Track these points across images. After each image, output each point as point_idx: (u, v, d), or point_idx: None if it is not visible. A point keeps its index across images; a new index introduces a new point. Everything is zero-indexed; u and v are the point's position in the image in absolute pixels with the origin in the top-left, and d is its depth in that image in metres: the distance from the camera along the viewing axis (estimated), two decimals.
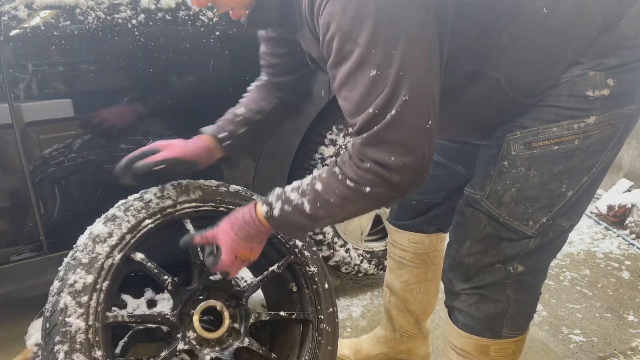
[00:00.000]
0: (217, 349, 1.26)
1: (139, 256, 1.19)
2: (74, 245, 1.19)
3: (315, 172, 0.99)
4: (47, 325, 1.11)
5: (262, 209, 1.03)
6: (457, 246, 1.11)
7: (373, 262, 2.07)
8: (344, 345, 1.63)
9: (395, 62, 0.80)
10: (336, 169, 0.93)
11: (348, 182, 0.90)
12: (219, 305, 1.28)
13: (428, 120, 0.85)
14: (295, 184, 1.00)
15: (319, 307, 1.37)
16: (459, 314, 1.15)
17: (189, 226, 1.26)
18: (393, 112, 0.82)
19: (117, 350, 1.37)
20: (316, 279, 1.39)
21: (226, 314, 1.28)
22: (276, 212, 1.00)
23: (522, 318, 1.12)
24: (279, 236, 1.36)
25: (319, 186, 0.95)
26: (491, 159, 1.04)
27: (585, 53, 0.94)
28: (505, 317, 1.10)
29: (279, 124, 1.34)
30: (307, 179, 0.98)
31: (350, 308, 1.97)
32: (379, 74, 0.81)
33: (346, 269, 2.03)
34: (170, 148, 1.21)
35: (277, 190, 1.02)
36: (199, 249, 1.25)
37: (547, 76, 0.96)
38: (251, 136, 1.28)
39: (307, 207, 0.95)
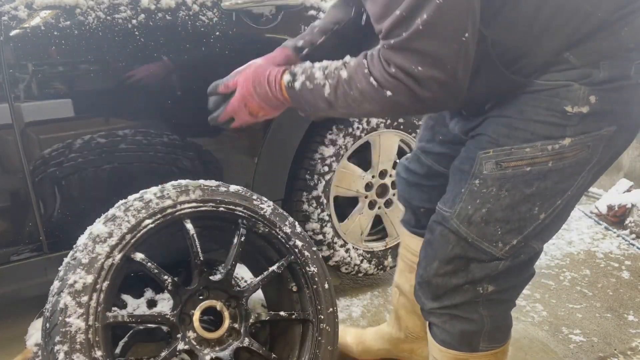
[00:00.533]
0: (217, 349, 1.26)
1: (139, 256, 1.19)
2: (74, 246, 1.19)
3: (347, 58, 0.94)
4: (47, 325, 1.11)
5: (285, 77, 1.00)
6: (425, 265, 1.08)
7: (373, 262, 2.08)
8: (348, 333, 1.62)
9: None
10: (364, 62, 0.88)
11: (372, 79, 0.85)
12: (219, 305, 1.28)
13: (464, 31, 0.78)
14: (324, 63, 0.97)
15: (319, 307, 1.37)
16: (436, 328, 1.13)
17: (189, 226, 1.26)
18: (425, 16, 0.75)
19: (117, 350, 1.37)
20: (316, 279, 1.39)
21: (226, 314, 1.28)
22: (297, 84, 0.97)
23: (500, 332, 1.10)
24: (279, 236, 1.37)
25: (344, 73, 0.91)
26: (463, 175, 1.00)
27: (577, 49, 0.88)
28: (481, 334, 1.08)
29: (362, 35, 1.18)
30: (337, 63, 0.94)
31: (350, 308, 1.97)
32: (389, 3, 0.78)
33: (346, 269, 2.03)
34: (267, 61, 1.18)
35: (307, 63, 0.99)
36: (198, 248, 1.25)
37: (532, 51, 0.90)
38: (331, 45, 1.19)
39: (327, 90, 0.92)
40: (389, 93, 0.84)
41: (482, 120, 0.99)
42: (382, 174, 2.03)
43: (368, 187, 2.01)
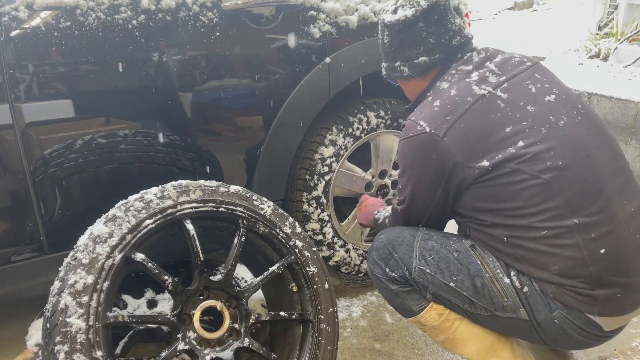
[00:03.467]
0: (217, 349, 1.26)
1: (140, 256, 1.19)
2: (75, 246, 1.19)
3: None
4: (48, 325, 1.11)
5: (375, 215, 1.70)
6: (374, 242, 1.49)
7: None
8: None
9: (409, 190, 1.34)
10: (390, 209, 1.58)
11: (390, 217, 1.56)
12: (219, 305, 1.28)
13: (417, 221, 1.40)
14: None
15: (319, 307, 1.37)
16: None
17: (190, 226, 1.27)
18: (403, 206, 1.40)
19: (118, 351, 1.37)
20: (316, 279, 1.39)
21: (226, 314, 1.28)
22: (380, 215, 1.66)
23: (416, 295, 1.35)
24: (279, 237, 1.37)
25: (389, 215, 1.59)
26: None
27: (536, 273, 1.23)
28: (401, 300, 1.37)
29: None
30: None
31: (350, 308, 1.97)
32: (403, 189, 1.37)
33: (346, 269, 2.03)
34: None
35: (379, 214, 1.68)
36: (199, 248, 1.26)
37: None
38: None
39: (380, 217, 1.66)
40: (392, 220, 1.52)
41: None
42: (382, 174, 2.03)
43: (368, 187, 2.01)
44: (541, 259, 1.19)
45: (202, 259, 1.27)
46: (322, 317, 1.37)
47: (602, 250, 1.15)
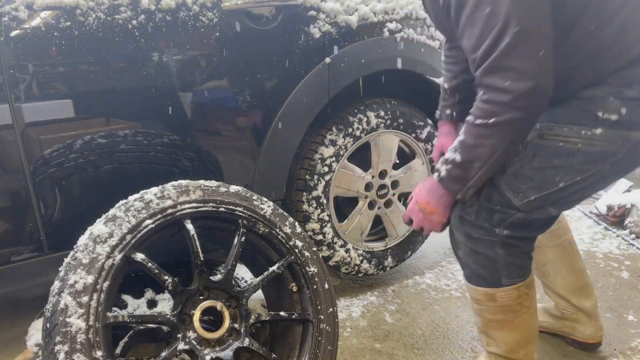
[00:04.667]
0: (217, 349, 1.26)
1: (140, 256, 1.19)
2: (75, 246, 1.19)
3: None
4: (48, 325, 1.11)
5: (434, 175, 1.25)
6: (461, 202, 1.27)
7: (373, 262, 2.08)
8: None
9: (506, 1, 0.98)
10: (469, 117, 1.12)
11: (477, 120, 1.08)
12: (219, 305, 1.28)
13: (540, 49, 1.00)
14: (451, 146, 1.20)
15: (319, 307, 1.37)
16: (464, 267, 1.32)
17: (190, 226, 1.27)
18: (507, 40, 0.98)
19: (118, 351, 1.37)
20: (316, 279, 1.39)
21: (226, 314, 1.28)
22: (443, 173, 1.21)
23: (517, 269, 1.26)
24: (279, 237, 1.37)
25: (461, 137, 1.14)
26: None
27: (614, 76, 1.08)
28: (498, 268, 1.25)
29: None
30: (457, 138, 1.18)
31: (350, 308, 1.97)
32: (493, 11, 0.99)
33: (346, 269, 2.03)
34: (441, 144, 1.53)
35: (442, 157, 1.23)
36: (199, 248, 1.26)
37: (580, 76, 1.11)
38: (467, 97, 1.37)
39: (457, 157, 1.15)
40: (492, 120, 1.06)
41: None
42: (382, 174, 2.03)
43: (368, 187, 2.01)
44: (633, 35, 1.06)
45: (202, 259, 1.27)
46: (322, 317, 1.37)
47: None
